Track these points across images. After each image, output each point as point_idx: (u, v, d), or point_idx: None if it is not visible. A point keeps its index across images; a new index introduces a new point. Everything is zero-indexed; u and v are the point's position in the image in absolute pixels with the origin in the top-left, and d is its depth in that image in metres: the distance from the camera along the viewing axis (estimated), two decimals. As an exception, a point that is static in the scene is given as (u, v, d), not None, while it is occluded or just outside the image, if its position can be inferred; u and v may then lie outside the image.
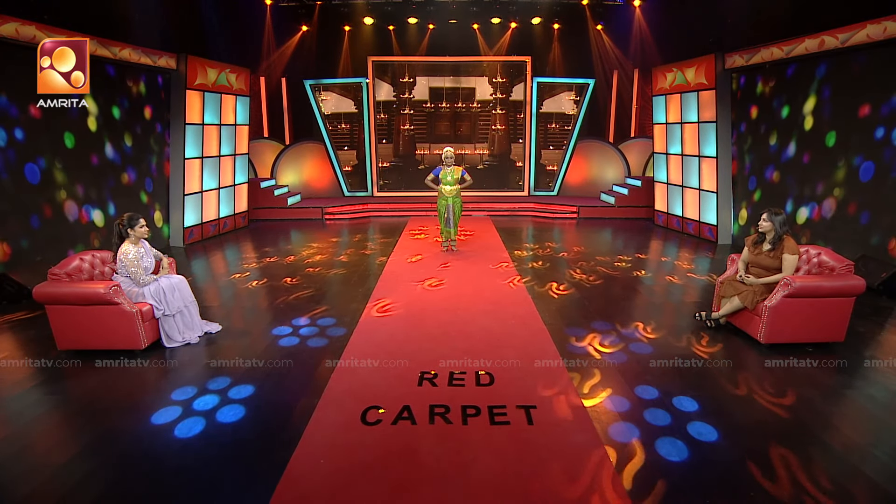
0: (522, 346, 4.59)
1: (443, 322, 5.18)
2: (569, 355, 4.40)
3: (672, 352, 4.47)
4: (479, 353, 4.44)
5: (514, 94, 13.12)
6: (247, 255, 8.69)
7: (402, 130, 13.20)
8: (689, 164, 9.90)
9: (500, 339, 4.75)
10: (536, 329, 4.98)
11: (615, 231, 10.48)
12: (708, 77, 9.10)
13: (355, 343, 4.68)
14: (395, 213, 12.31)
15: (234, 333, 4.96)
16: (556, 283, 6.63)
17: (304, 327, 5.11)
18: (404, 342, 4.69)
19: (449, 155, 7.96)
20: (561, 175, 13.11)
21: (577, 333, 4.90)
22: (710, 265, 7.75)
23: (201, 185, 9.57)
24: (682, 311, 5.56)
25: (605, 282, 6.67)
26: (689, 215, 9.99)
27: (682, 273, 7.33)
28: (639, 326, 5.07)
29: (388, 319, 5.28)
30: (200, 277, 7.27)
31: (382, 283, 6.56)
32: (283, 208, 11.83)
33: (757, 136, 8.43)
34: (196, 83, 9.12)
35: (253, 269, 7.47)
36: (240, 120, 10.55)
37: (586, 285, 6.51)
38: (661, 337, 4.81)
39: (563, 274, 7.05)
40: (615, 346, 4.59)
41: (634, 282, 6.79)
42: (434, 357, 4.35)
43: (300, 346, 4.64)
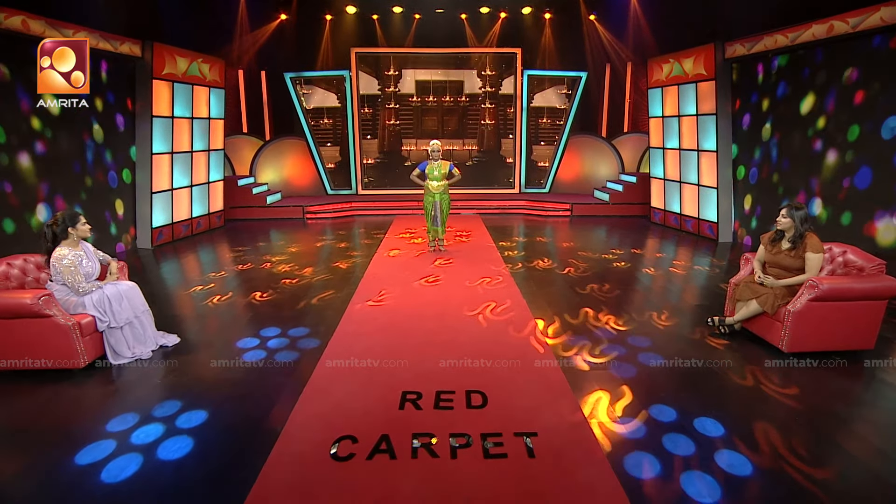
0: (518, 358, 4.08)
1: (429, 332, 4.66)
2: (571, 369, 3.91)
3: (685, 363, 4.00)
4: (469, 367, 3.92)
5: (503, 87, 12.63)
6: (219, 258, 8.09)
7: (388, 126, 12.65)
8: (687, 159, 9.48)
9: (493, 350, 4.24)
10: (534, 339, 4.47)
11: (611, 229, 10.03)
12: (707, 67, 8.67)
13: (329, 357, 4.14)
14: (381, 211, 11.75)
15: (193, 346, 4.39)
16: (553, 285, 6.14)
17: (274, 339, 4.56)
18: (385, 355, 4.16)
19: (436, 149, 7.44)
20: (553, 172, 12.65)
21: (579, 342, 4.40)
22: (713, 264, 7.32)
23: (171, 183, 8.94)
24: (690, 315, 5.09)
25: (605, 283, 6.20)
26: (687, 212, 9.58)
27: (686, 273, 6.88)
28: (646, 334, 4.59)
29: (367, 329, 4.74)
30: (166, 282, 6.67)
31: (363, 287, 6.02)
32: (261, 207, 11.22)
33: (759, 128, 8.02)
34: (164, 73, 8.48)
35: (223, 272, 6.88)
36: (214, 114, 9.93)
37: (586, 288, 6.03)
38: (671, 345, 4.33)
39: (560, 275, 6.57)
40: (622, 358, 4.10)
41: (636, 283, 6.32)
42: (419, 373, 3.82)
43: (266, 362, 4.09)
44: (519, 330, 4.67)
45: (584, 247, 8.34)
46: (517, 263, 7.18)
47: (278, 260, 7.48)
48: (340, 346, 4.37)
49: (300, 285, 6.19)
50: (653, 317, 5.05)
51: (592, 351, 4.24)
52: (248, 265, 7.22)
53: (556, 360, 4.04)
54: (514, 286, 6.01)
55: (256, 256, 7.76)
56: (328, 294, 5.84)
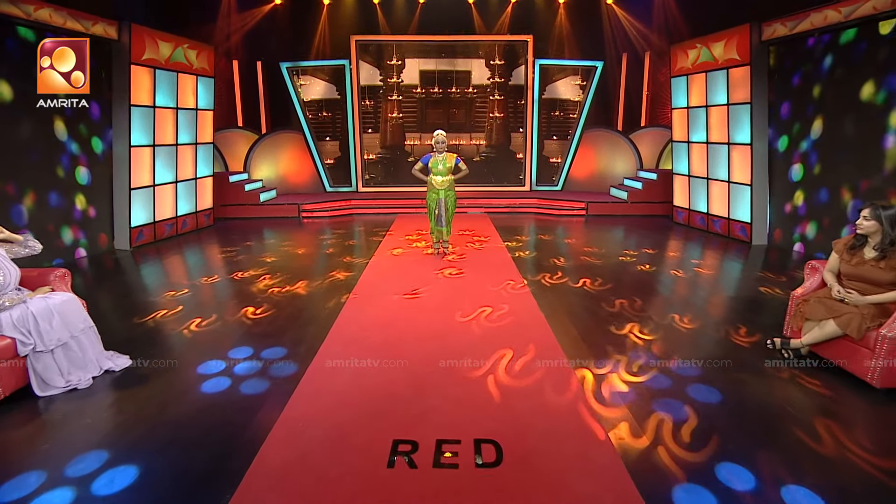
0: (538, 391, 3.30)
1: (428, 355, 3.88)
2: (606, 405, 3.12)
3: (746, 398, 3.20)
4: (478, 405, 3.15)
5: (513, 78, 11.82)
6: (201, 261, 7.37)
7: (390, 119, 11.88)
8: (715, 154, 8.64)
9: (507, 381, 3.46)
10: (556, 365, 3.69)
11: (630, 230, 9.21)
12: (741, 51, 7.83)
13: (306, 388, 3.38)
14: (382, 210, 10.98)
15: (145, 372, 3.65)
16: (574, 296, 5.35)
17: (243, 362, 3.80)
18: (374, 386, 3.39)
19: (440, 140, 6.66)
20: (565, 168, 11.83)
21: (612, 368, 3.61)
22: (753, 271, 6.50)
23: (153, 178, 8.22)
24: (740, 335, 4.28)
25: (633, 292, 5.40)
26: (715, 212, 8.73)
27: (724, 282, 6.07)
28: (690, 358, 3.79)
29: (355, 352, 3.98)
30: (135, 288, 5.94)
31: (354, 299, 5.25)
32: (254, 205, 10.49)
33: (802, 117, 7.16)
34: (144, 58, 7.75)
35: (202, 279, 6.15)
36: (202, 104, 9.20)
37: (615, 305, 5.23)
38: (725, 375, 3.53)
39: (581, 284, 5.77)
40: (668, 391, 3.30)
41: (669, 293, 5.52)
42: (415, 413, 3.05)
43: (229, 393, 3.33)
44: (542, 355, 3.89)
45: (606, 250, 7.54)
46: (535, 274, 6.39)
47: (264, 263, 6.74)
48: (320, 374, 3.61)
49: (283, 295, 5.44)
50: (696, 336, 4.25)
51: (629, 381, 3.44)
52: (227, 275, 6.48)
53: (589, 394, 3.26)
54: (531, 299, 5.22)
55: (240, 260, 7.03)
56: (313, 307, 5.08)
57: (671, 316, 4.71)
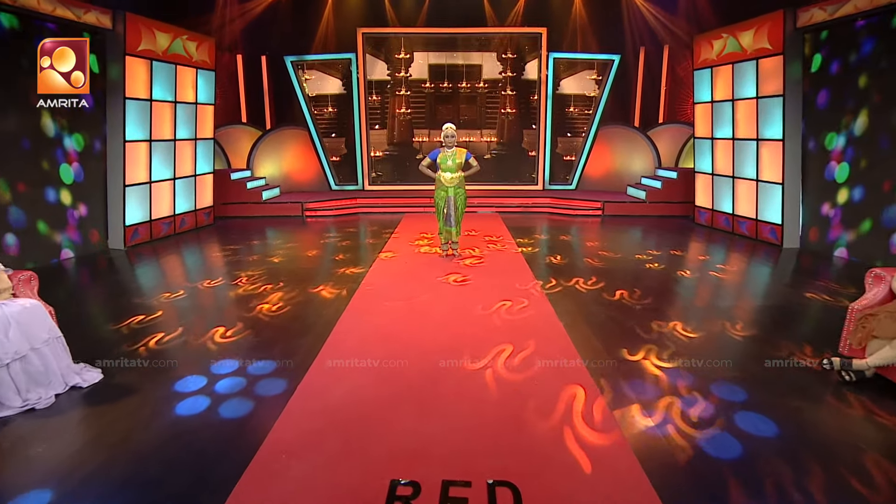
0: (560, 417, 2.84)
1: (433, 371, 3.44)
2: (639, 436, 2.66)
3: (807, 432, 2.73)
4: (490, 433, 2.71)
5: (526, 72, 11.35)
6: (196, 261, 7.02)
7: (398, 114, 11.45)
8: (742, 150, 8.10)
9: (523, 403, 3.01)
10: (579, 384, 3.23)
11: (650, 231, 8.70)
12: (773, 40, 7.29)
13: (295, 409, 2.95)
14: (389, 208, 10.55)
15: (116, 388, 3.25)
16: (598, 304, 4.89)
17: (227, 377, 3.39)
18: (371, 407, 2.96)
19: (450, 134, 6.22)
20: (580, 166, 11.31)
21: (642, 392, 3.15)
22: (790, 277, 5.99)
23: (149, 175, 7.86)
24: (787, 351, 3.79)
25: (661, 300, 4.92)
26: (742, 212, 8.19)
27: (762, 289, 5.59)
28: (734, 379, 3.31)
29: (352, 364, 3.55)
30: (123, 291, 5.56)
31: (353, 306, 4.82)
32: (256, 204, 10.11)
33: (844, 111, 6.61)
34: (139, 49, 7.40)
35: (193, 281, 5.77)
36: (202, 98, 8.84)
37: (641, 310, 4.76)
38: (778, 400, 3.05)
39: (608, 291, 5.30)
40: (712, 420, 2.83)
41: (701, 300, 5.04)
42: (417, 442, 2.61)
43: (206, 417, 2.92)
44: (563, 373, 3.43)
45: (624, 253, 7.05)
46: (552, 280, 5.93)
47: (261, 265, 6.34)
48: (313, 390, 3.18)
49: (277, 301, 5.03)
50: (736, 351, 3.76)
51: (665, 406, 2.98)
52: (221, 278, 6.10)
53: (616, 421, 2.80)
54: (548, 307, 4.77)
55: (237, 261, 6.65)
56: (309, 315, 4.67)
57: (707, 327, 4.22)
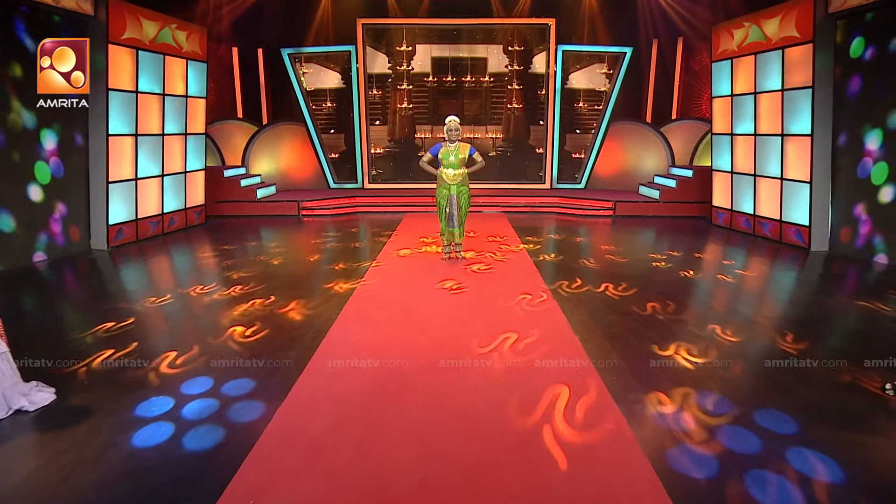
0: (588, 459, 2.38)
1: (436, 398, 2.98)
2: (677, 474, 2.19)
3: (880, 477, 2.26)
4: (505, 480, 2.24)
5: (534, 65, 10.90)
6: (183, 263, 6.60)
7: (399, 110, 11.00)
8: (765, 147, 7.60)
9: (553, 438, 2.55)
10: (604, 411, 2.77)
11: (666, 233, 8.22)
12: (801, 27, 6.79)
13: (269, 441, 2.50)
14: (389, 208, 10.09)
15: (67, 412, 2.82)
16: (616, 314, 4.42)
17: (198, 399, 2.95)
18: (360, 443, 2.50)
19: (453, 127, 5.76)
20: (590, 164, 10.82)
21: (671, 413, 2.68)
22: (821, 283, 5.51)
23: (135, 171, 7.43)
24: (836, 370, 3.31)
25: (686, 308, 4.45)
26: (764, 213, 7.70)
27: (795, 298, 5.11)
28: (783, 408, 2.84)
29: (340, 386, 3.10)
30: (95, 295, 5.13)
31: (345, 317, 4.36)
32: (251, 202, 9.68)
33: (880, 103, 6.11)
34: (124, 37, 6.97)
35: (176, 285, 5.34)
36: (193, 91, 8.41)
37: (664, 320, 4.29)
38: (834, 432, 2.58)
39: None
40: (756, 459, 2.36)
41: (729, 309, 4.56)
42: (414, 490, 2.15)
43: (166, 449, 2.47)
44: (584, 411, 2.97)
45: (641, 256, 6.58)
46: (561, 283, 5.46)
47: (250, 267, 5.91)
48: (292, 419, 2.73)
49: (262, 311, 4.59)
50: (776, 370, 3.29)
51: (705, 442, 2.51)
52: (206, 283, 5.67)
53: (654, 471, 2.34)
54: (564, 324, 4.30)
55: (225, 265, 6.21)
56: (296, 327, 4.22)
57: (746, 337, 3.75)
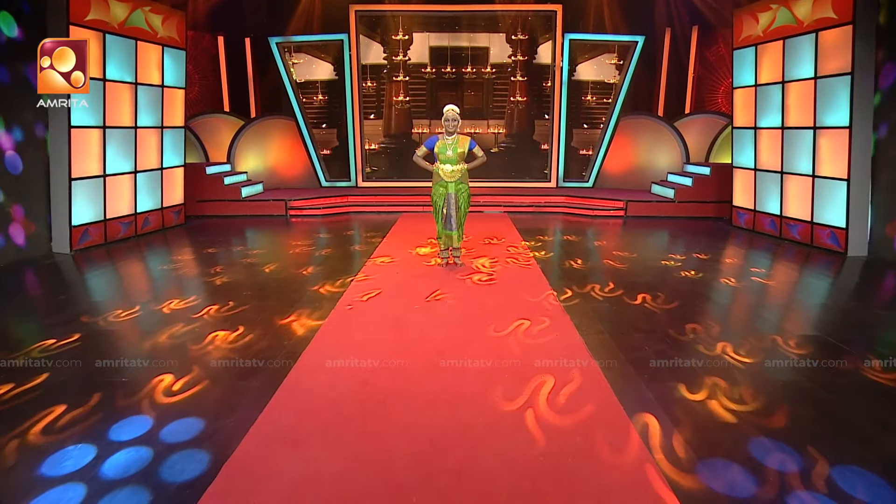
0: None
1: (422, 441, 2.32)
2: None
3: None
4: None
5: (539, 55, 10.24)
6: (151, 270, 5.95)
7: (395, 103, 10.35)
8: (794, 141, 6.94)
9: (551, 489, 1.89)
10: (626, 464, 2.11)
11: (682, 235, 7.56)
12: (839, 7, 6.13)
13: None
14: (384, 207, 9.42)
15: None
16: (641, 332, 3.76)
17: (126, 448, 2.29)
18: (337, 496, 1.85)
19: (451, 117, 5.10)
20: (598, 161, 10.17)
21: (732, 486, 2.02)
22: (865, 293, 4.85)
23: (103, 167, 6.77)
24: None
25: (719, 327, 3.79)
26: (793, 214, 7.03)
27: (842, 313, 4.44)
28: (851, 456, 2.18)
29: (308, 427, 2.44)
30: (41, 306, 4.47)
31: (322, 337, 3.70)
32: (235, 201, 9.01)
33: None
34: (88, 18, 6.31)
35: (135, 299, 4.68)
36: (170, 81, 7.74)
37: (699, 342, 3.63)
38: None
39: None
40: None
41: (769, 325, 3.90)
42: None
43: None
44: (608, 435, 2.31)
45: (650, 261, 5.93)
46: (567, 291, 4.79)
47: (225, 273, 5.25)
48: (243, 477, 2.07)
49: (227, 325, 3.93)
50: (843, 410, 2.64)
51: None
52: (168, 293, 5.02)
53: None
54: (580, 345, 3.64)
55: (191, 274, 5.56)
56: (264, 349, 3.56)
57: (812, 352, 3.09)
